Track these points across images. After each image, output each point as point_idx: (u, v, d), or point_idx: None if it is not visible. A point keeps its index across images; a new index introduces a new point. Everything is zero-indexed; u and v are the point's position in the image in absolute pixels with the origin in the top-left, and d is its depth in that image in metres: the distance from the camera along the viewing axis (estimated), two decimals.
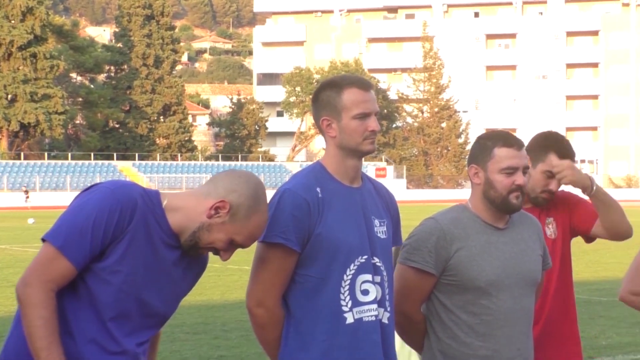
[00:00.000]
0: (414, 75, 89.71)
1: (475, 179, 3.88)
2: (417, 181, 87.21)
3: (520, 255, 3.90)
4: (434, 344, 3.89)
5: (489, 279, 3.80)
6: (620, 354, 10.11)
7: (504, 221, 3.91)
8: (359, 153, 3.66)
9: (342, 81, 3.68)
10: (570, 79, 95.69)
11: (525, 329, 3.91)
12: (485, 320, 3.82)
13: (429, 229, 3.84)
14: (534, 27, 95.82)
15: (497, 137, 3.88)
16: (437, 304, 3.87)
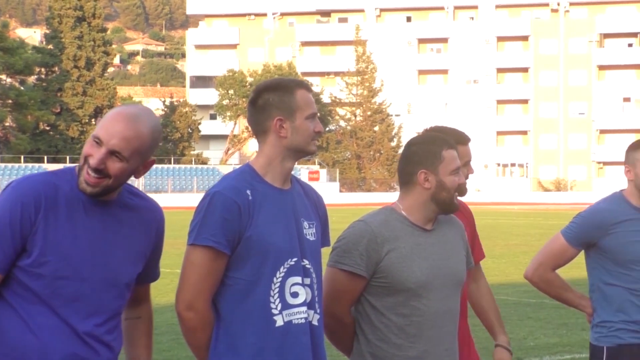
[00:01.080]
0: (346, 78, 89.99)
1: (426, 183, 3.91)
2: (350, 184, 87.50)
3: (447, 256, 3.97)
4: (364, 346, 3.91)
5: (418, 281, 3.84)
6: (547, 355, 10.28)
7: (431, 223, 3.97)
8: (305, 154, 3.72)
9: (291, 82, 3.72)
10: (501, 83, 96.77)
11: (452, 329, 3.98)
12: (415, 321, 3.86)
13: (359, 232, 3.86)
14: (465, 32, 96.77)
15: (443, 141, 3.99)
16: (367, 306, 3.90)
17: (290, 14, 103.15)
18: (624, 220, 4.85)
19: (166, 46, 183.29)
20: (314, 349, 3.66)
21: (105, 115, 3.38)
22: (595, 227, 4.85)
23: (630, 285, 4.82)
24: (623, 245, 4.81)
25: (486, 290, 4.84)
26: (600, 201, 5.01)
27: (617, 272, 4.84)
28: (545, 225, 40.04)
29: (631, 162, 4.94)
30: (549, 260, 5.00)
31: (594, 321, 4.94)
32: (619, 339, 4.84)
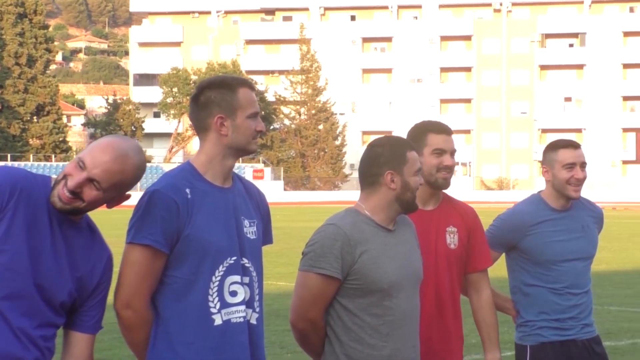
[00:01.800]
0: (291, 77, 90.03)
1: (392, 184, 3.95)
2: (295, 183, 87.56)
3: (409, 255, 4.04)
4: (337, 348, 3.93)
5: (390, 281, 3.89)
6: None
7: (393, 223, 4.02)
8: (245, 152, 3.70)
9: (233, 81, 3.71)
10: (445, 82, 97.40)
11: (417, 327, 4.05)
12: (387, 320, 3.91)
13: (332, 235, 3.88)
14: (409, 31, 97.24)
15: (406, 143, 4.06)
16: (340, 309, 3.93)
17: (234, 12, 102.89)
18: (541, 221, 4.92)
19: (109, 44, 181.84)
20: (252, 348, 3.67)
21: (97, 141, 3.45)
22: (514, 229, 4.92)
23: (550, 285, 4.92)
24: (542, 246, 4.90)
25: (486, 302, 4.75)
26: (519, 204, 5.07)
27: (537, 273, 4.93)
28: (487, 224, 40.20)
29: (549, 163, 4.99)
30: None
31: (518, 321, 5.02)
32: (541, 337, 4.93)
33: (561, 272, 4.93)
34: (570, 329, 4.96)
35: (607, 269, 19.77)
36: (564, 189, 4.92)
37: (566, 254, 4.94)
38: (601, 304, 14.27)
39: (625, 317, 13.05)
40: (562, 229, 4.95)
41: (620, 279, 17.90)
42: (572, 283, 4.96)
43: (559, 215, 4.97)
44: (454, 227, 4.62)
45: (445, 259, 4.56)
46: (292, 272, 17.11)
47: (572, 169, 4.91)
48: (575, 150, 4.96)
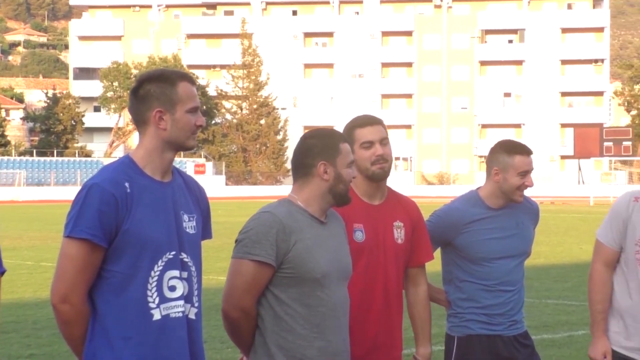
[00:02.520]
0: (232, 72, 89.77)
1: (325, 175, 3.96)
2: (236, 177, 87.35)
3: (339, 249, 4.05)
4: (268, 338, 3.92)
5: (323, 271, 3.89)
6: (439, 345, 10.44)
7: (325, 215, 4.04)
8: (184, 147, 3.67)
9: (173, 74, 3.68)
10: (386, 78, 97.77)
11: (347, 321, 4.05)
12: (319, 311, 3.91)
13: (268, 222, 3.87)
14: (351, 26, 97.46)
15: (339, 135, 4.08)
16: (272, 298, 3.91)
17: (175, 6, 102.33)
18: (476, 219, 4.95)
19: (49, 37, 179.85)
20: (191, 343, 3.66)
21: None
22: (449, 227, 4.95)
23: (482, 281, 4.96)
24: (476, 244, 4.93)
25: (423, 297, 4.79)
26: (455, 200, 5.09)
27: (470, 269, 4.98)
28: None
29: (502, 166, 5.00)
30: None
31: (449, 311, 5.09)
32: (469, 329, 4.98)
33: (494, 269, 4.97)
34: (499, 324, 5.00)
35: (545, 262, 20.00)
36: (512, 194, 4.97)
37: (500, 252, 4.98)
38: (539, 298, 14.46)
39: (562, 310, 13.22)
40: (497, 226, 4.98)
41: (557, 272, 18.10)
42: (504, 280, 5.00)
43: (495, 213, 5.00)
44: (400, 221, 4.63)
45: (393, 253, 4.57)
46: None
47: (525, 176, 4.97)
48: (529, 158, 5.04)
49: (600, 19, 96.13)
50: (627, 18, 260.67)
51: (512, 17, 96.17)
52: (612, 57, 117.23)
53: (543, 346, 10.48)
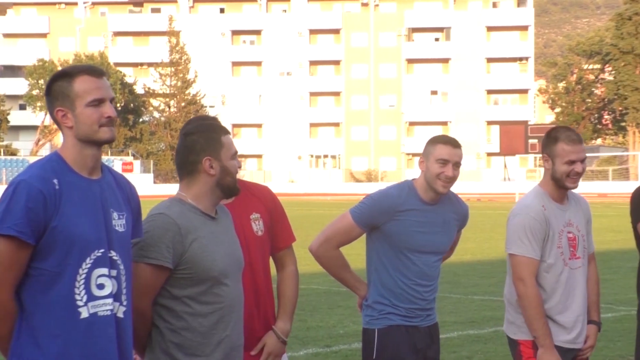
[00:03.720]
0: (160, 69, 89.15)
1: (211, 170, 4.01)
2: (165, 176, 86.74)
3: (233, 244, 4.11)
4: (167, 336, 3.95)
5: (220, 268, 3.94)
6: (356, 342, 10.57)
7: (215, 210, 4.08)
8: (97, 142, 3.60)
9: (72, 70, 3.63)
10: (314, 75, 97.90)
11: (242, 313, 4.11)
12: (218, 308, 3.95)
13: (163, 224, 3.89)
14: (279, 24, 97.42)
15: (219, 127, 4.10)
16: (169, 298, 3.94)
17: (102, 4, 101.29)
18: (409, 209, 5.03)
19: None
20: (119, 342, 3.63)
21: None
22: (383, 211, 5.01)
23: (403, 273, 5.04)
24: (404, 233, 5.01)
25: (289, 276, 4.81)
26: (391, 187, 5.15)
27: (394, 260, 5.05)
28: None
29: (425, 154, 5.08)
30: (334, 237, 5.14)
31: (366, 302, 5.13)
32: (389, 320, 5.05)
33: (415, 263, 5.05)
34: (417, 317, 5.09)
35: (472, 259, 20.25)
36: (433, 182, 5.02)
37: (424, 246, 5.06)
38: (465, 294, 14.67)
39: (489, 306, 13.42)
40: (426, 221, 5.06)
41: (484, 268, 18.30)
42: (424, 274, 5.09)
43: (426, 207, 5.07)
44: (256, 213, 4.67)
45: (255, 246, 4.61)
46: None
47: (445, 165, 4.99)
48: (454, 149, 5.04)
49: (524, 17, 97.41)
50: (551, 17, 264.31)
51: (438, 16, 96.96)
52: (537, 55, 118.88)
53: (469, 341, 10.67)
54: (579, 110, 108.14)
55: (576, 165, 4.95)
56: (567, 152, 4.95)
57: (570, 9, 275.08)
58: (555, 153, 5.00)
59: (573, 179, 4.97)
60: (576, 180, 4.99)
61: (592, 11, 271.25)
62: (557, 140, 5.01)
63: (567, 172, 4.97)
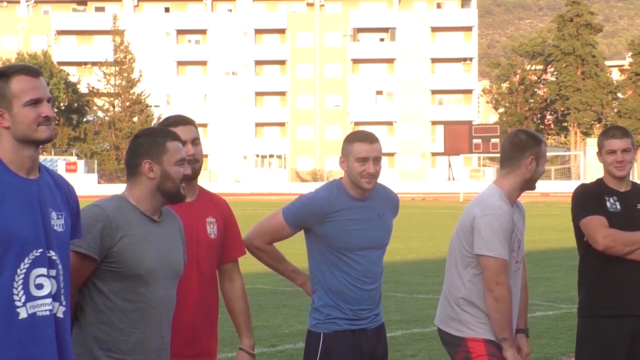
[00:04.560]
0: (104, 69, 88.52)
1: (150, 173, 4.02)
2: (109, 176, 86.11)
3: (171, 248, 4.11)
4: (86, 329, 3.97)
5: (148, 268, 3.96)
6: (301, 342, 10.57)
7: (158, 214, 4.10)
8: (35, 142, 3.58)
9: (8, 70, 3.60)
10: (259, 75, 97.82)
11: (169, 319, 4.11)
12: (140, 307, 3.97)
13: (95, 216, 3.93)
14: (224, 24, 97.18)
15: (167, 133, 4.12)
16: (93, 290, 3.97)
17: (45, 2, 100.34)
18: (341, 209, 5.02)
19: None
20: (59, 342, 3.62)
21: None
22: (314, 214, 5.01)
23: (346, 273, 5.03)
24: (339, 234, 5.00)
25: (239, 292, 4.90)
26: (321, 188, 5.16)
27: (334, 260, 5.03)
28: None
29: (345, 154, 5.08)
30: (266, 234, 5.18)
31: (313, 305, 5.12)
32: (336, 325, 5.03)
33: (357, 261, 5.04)
34: (363, 319, 5.08)
35: (416, 258, 20.36)
36: (357, 181, 5.00)
37: (363, 243, 5.04)
38: (410, 293, 14.77)
39: (433, 305, 13.46)
40: (360, 217, 5.03)
41: (428, 267, 18.41)
42: (368, 272, 5.08)
43: (358, 204, 5.05)
44: (212, 217, 4.74)
45: (206, 248, 4.68)
46: None
47: (365, 163, 4.98)
48: (371, 145, 5.05)
49: (468, 18, 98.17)
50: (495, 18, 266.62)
51: (384, 16, 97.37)
52: (480, 56, 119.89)
53: (413, 340, 10.76)
54: (522, 110, 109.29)
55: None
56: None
57: (513, 10, 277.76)
58: (541, 154, 5.14)
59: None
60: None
61: (534, 12, 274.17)
62: (542, 142, 5.16)
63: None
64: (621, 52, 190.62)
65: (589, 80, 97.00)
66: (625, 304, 5.58)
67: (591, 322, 5.61)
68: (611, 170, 5.70)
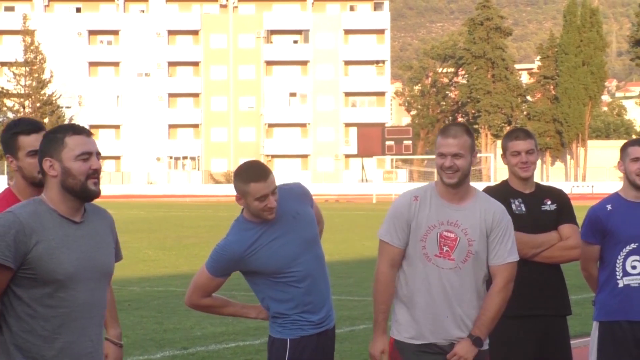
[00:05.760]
0: (14, 69, 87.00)
1: (52, 171, 3.93)
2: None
3: (97, 249, 4.02)
4: (8, 338, 3.89)
5: (67, 272, 3.87)
6: (213, 344, 10.60)
7: (80, 214, 4.00)
8: None
9: None
10: (173, 76, 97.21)
11: (99, 321, 4.06)
12: (62, 312, 3.89)
13: (7, 223, 3.83)
14: (137, 24, 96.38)
15: (66, 128, 4.00)
16: (13, 298, 3.88)
17: None
18: (255, 239, 4.96)
19: None
20: None
21: None
22: (232, 260, 4.98)
23: (292, 285, 5.00)
24: (267, 260, 4.94)
25: (110, 287, 4.75)
26: (229, 233, 5.07)
27: (276, 281, 4.99)
28: (215, 217, 40.75)
29: (242, 194, 4.95)
30: (199, 290, 5.13)
31: (273, 312, 5.07)
32: (302, 331, 5.01)
33: (295, 271, 5.00)
34: (324, 322, 5.08)
35: (329, 259, 20.26)
36: (260, 215, 4.94)
37: (293, 254, 4.99)
38: None
39: (345, 306, 13.60)
40: (277, 235, 4.99)
41: (341, 268, 18.46)
42: (317, 276, 5.06)
43: (268, 224, 4.99)
44: None
45: None
46: None
47: (265, 200, 4.90)
48: (266, 182, 4.92)
49: (381, 21, 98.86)
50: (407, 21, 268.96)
51: (297, 18, 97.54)
52: (393, 59, 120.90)
53: None
54: (434, 112, 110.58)
55: (446, 160, 4.93)
56: (438, 145, 4.99)
57: (425, 13, 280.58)
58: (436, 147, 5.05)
59: (447, 174, 4.95)
60: (451, 177, 4.93)
61: (446, 16, 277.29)
62: (440, 136, 5.04)
63: (439, 165, 4.96)
64: (530, 55, 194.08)
65: (499, 83, 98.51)
66: (534, 305, 5.73)
67: (501, 323, 5.72)
68: (516, 172, 5.81)
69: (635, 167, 5.72)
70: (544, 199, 5.84)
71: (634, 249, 5.71)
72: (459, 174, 4.93)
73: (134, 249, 22.55)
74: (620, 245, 5.72)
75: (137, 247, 23.65)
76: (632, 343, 5.71)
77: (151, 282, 16.89)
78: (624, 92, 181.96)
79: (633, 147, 5.78)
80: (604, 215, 5.75)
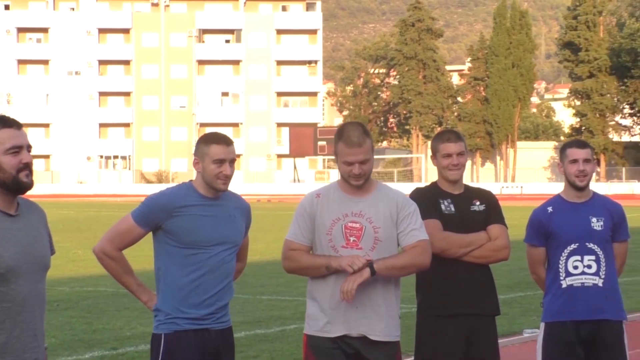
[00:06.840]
0: None
1: None
2: None
3: (34, 242, 4.02)
4: None
5: (8, 265, 3.86)
6: (143, 344, 10.52)
7: (14, 207, 3.98)
8: None
9: None
10: (103, 75, 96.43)
11: (41, 314, 4.05)
12: (4, 307, 3.88)
13: None
14: (67, 22, 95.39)
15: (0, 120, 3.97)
16: None
17: None
18: (190, 204, 5.01)
19: None
20: None
21: None
22: (161, 208, 4.99)
23: (196, 269, 5.00)
24: (189, 226, 4.97)
25: None
26: (169, 187, 5.18)
27: (185, 256, 4.99)
28: None
29: (200, 155, 5.10)
30: (116, 239, 5.08)
31: (156, 305, 5.08)
32: (177, 325, 4.98)
33: (206, 257, 5.01)
34: (206, 319, 5.03)
35: (261, 259, 20.44)
36: (212, 182, 5.03)
37: (213, 239, 5.02)
38: (254, 294, 14.85)
39: (276, 306, 13.64)
40: (211, 214, 5.03)
41: (273, 268, 18.45)
42: (217, 269, 5.04)
43: (209, 202, 5.04)
44: None
45: None
46: None
47: (222, 165, 5.01)
48: (227, 147, 5.05)
49: (313, 21, 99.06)
50: (339, 21, 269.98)
51: (229, 18, 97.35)
52: (325, 59, 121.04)
53: (256, 341, 10.83)
54: (366, 113, 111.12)
55: (354, 167, 5.03)
56: (344, 154, 5.06)
57: (357, 14, 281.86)
58: (337, 152, 5.14)
59: (356, 179, 5.05)
60: (359, 178, 5.04)
61: (378, 17, 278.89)
62: (339, 141, 5.09)
63: (347, 172, 5.07)
64: (461, 57, 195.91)
65: (430, 84, 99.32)
66: (463, 304, 5.79)
67: (430, 321, 5.76)
68: (446, 174, 5.88)
69: (574, 168, 5.83)
70: (473, 199, 5.90)
71: (575, 249, 5.81)
72: (366, 176, 5.08)
73: (63, 248, 22.30)
74: (562, 246, 5.83)
75: (66, 247, 23.40)
76: (577, 343, 5.81)
77: (80, 282, 16.75)
78: (553, 94, 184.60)
79: (571, 148, 5.89)
80: (545, 218, 5.87)
